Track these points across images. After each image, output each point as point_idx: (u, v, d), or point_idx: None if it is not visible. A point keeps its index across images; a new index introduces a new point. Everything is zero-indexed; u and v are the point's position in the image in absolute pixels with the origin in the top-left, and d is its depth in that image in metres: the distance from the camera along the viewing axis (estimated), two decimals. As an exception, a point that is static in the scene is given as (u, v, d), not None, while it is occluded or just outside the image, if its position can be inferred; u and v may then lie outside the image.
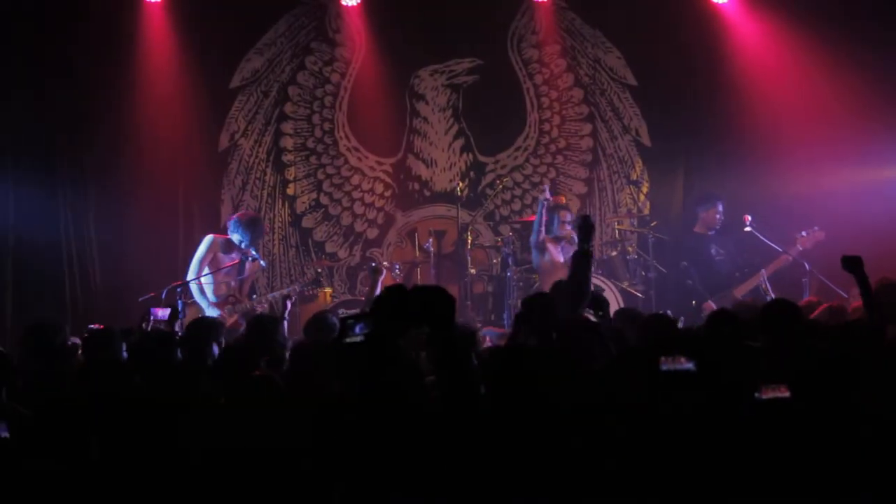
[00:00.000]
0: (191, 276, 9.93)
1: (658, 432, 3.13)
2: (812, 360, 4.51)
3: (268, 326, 6.80)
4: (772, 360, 5.03)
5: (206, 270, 10.00)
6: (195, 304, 9.99)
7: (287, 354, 6.32)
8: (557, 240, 10.93)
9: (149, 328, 8.13)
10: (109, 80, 11.72)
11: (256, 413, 5.08)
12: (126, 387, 5.13)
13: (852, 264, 6.02)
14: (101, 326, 8.18)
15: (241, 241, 10.05)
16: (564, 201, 11.94)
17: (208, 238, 10.19)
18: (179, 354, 6.17)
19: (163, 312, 8.72)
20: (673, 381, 3.26)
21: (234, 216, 10.42)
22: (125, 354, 6.61)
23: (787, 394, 3.76)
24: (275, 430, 5.00)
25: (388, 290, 3.10)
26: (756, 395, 3.47)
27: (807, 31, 11.72)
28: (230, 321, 9.69)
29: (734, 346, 5.08)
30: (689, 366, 3.19)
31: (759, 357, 5.06)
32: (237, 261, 10.07)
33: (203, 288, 9.96)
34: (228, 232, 10.24)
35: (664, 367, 3.18)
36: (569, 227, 10.77)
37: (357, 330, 3.63)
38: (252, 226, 10.17)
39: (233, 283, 10.07)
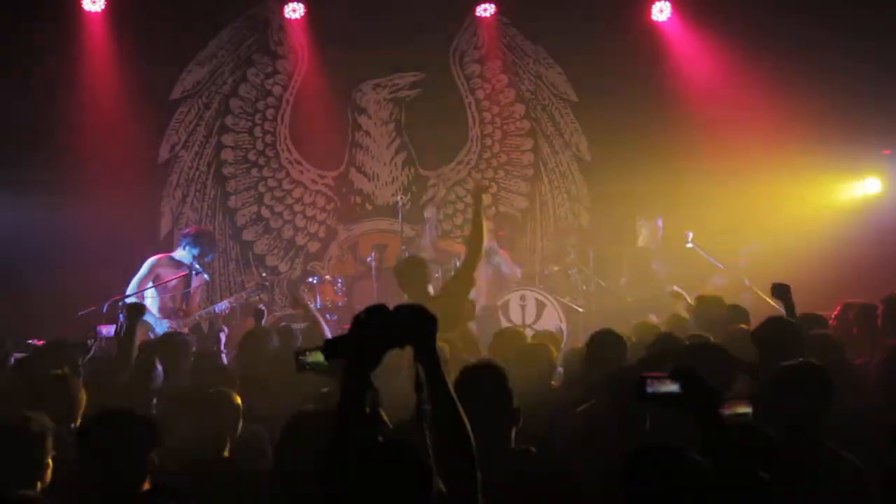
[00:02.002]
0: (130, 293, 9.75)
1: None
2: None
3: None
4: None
5: (149, 285, 9.85)
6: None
7: None
8: None
9: (94, 346, 8.01)
10: (48, 89, 11.56)
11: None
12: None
13: (781, 291, 6.74)
14: (42, 342, 8.06)
15: (197, 255, 9.90)
16: None
17: (150, 260, 9.93)
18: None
19: (108, 329, 8.59)
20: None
21: (186, 232, 10.24)
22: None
23: (749, 409, 3.81)
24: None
25: (368, 311, 3.05)
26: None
27: (747, 49, 11.91)
28: None
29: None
30: (675, 387, 3.20)
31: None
32: (183, 274, 9.91)
33: (146, 304, 9.78)
34: (180, 247, 10.07)
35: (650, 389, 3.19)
36: None
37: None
38: (203, 238, 10.04)
39: (178, 297, 9.92)
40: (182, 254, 9.92)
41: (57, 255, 11.50)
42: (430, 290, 7.73)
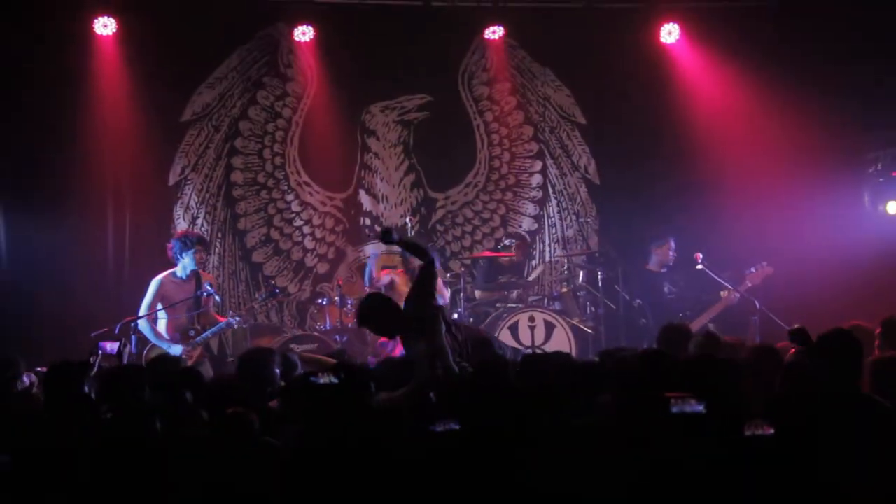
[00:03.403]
0: (141, 319, 9.75)
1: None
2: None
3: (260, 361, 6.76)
4: None
5: (160, 306, 9.87)
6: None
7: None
8: None
9: (97, 363, 8.01)
10: (60, 112, 11.61)
11: (226, 451, 5.07)
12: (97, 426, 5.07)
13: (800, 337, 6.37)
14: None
15: (194, 253, 9.91)
16: None
17: (155, 281, 9.98)
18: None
19: (111, 346, 8.58)
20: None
21: (170, 245, 10.18)
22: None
23: (771, 430, 3.80)
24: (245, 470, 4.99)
25: None
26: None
27: (754, 71, 11.98)
28: (195, 355, 9.63)
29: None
30: (699, 407, 3.21)
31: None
32: (188, 298, 9.93)
33: (156, 329, 9.77)
34: (177, 262, 10.07)
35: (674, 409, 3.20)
36: None
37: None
38: (181, 241, 10.00)
39: (190, 315, 9.91)
40: (184, 263, 9.90)
41: (67, 277, 11.54)
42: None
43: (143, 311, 9.78)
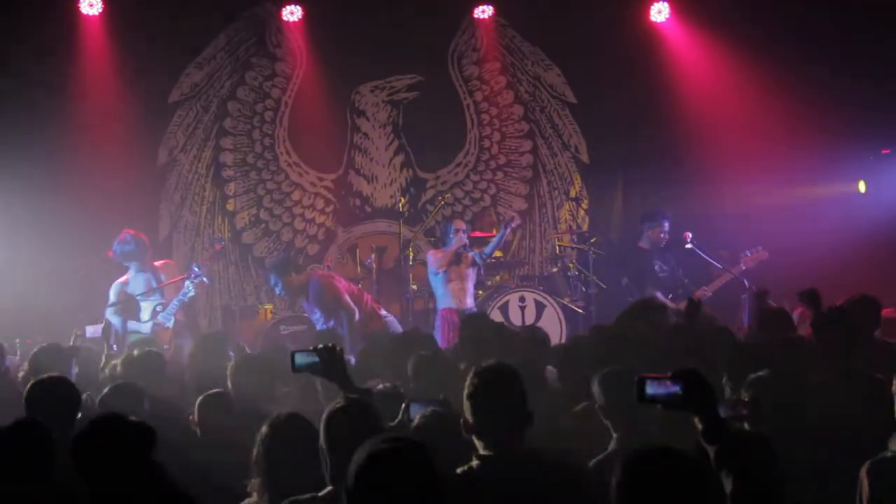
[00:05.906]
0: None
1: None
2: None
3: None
4: None
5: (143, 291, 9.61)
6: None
7: None
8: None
9: (80, 345, 7.95)
10: (47, 94, 11.53)
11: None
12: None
13: (810, 297, 6.41)
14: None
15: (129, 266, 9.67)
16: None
17: (114, 286, 9.63)
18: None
19: (93, 329, 8.48)
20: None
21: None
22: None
23: (747, 411, 3.77)
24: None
25: None
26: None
27: (745, 51, 11.91)
28: (168, 331, 9.36)
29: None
30: (676, 388, 3.13)
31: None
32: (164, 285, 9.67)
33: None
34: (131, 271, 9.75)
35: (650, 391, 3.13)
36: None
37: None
38: (121, 252, 9.63)
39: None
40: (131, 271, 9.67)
41: (54, 259, 11.46)
42: None
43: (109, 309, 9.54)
